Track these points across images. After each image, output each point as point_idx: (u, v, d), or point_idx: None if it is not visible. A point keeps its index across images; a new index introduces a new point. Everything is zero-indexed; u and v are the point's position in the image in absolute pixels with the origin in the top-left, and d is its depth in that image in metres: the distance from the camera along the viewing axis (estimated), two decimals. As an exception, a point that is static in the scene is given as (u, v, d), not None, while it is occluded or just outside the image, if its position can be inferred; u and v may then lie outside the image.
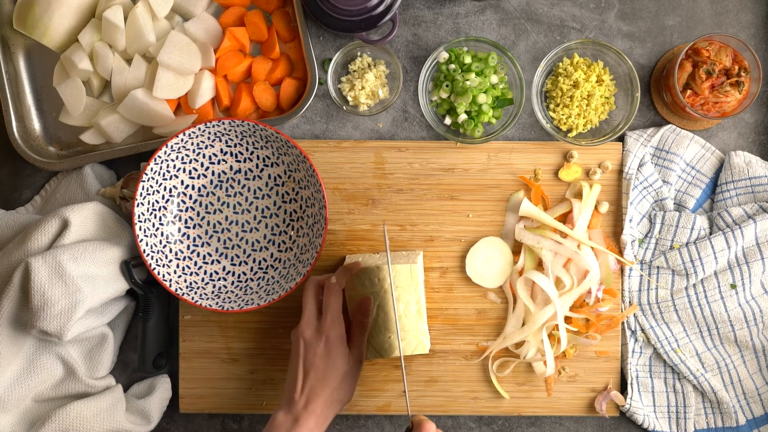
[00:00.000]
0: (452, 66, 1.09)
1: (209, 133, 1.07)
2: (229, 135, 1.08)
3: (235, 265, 1.12)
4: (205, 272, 1.11)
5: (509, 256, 1.13)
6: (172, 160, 1.08)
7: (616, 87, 1.13)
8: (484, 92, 1.09)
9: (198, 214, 1.12)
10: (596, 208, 1.12)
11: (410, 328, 1.06)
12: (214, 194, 1.12)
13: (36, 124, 1.16)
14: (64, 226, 1.06)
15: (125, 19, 1.10)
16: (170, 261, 1.09)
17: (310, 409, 0.98)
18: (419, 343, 1.06)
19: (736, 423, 1.11)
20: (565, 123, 1.12)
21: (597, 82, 1.11)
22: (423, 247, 1.13)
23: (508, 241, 1.13)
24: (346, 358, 1.01)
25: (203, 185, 1.12)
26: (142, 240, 1.06)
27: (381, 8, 1.09)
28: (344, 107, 1.14)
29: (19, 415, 1.07)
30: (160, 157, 1.06)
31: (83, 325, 1.05)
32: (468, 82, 1.08)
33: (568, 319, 1.11)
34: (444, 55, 1.10)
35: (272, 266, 1.12)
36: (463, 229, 1.14)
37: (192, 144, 1.08)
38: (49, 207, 1.15)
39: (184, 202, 1.11)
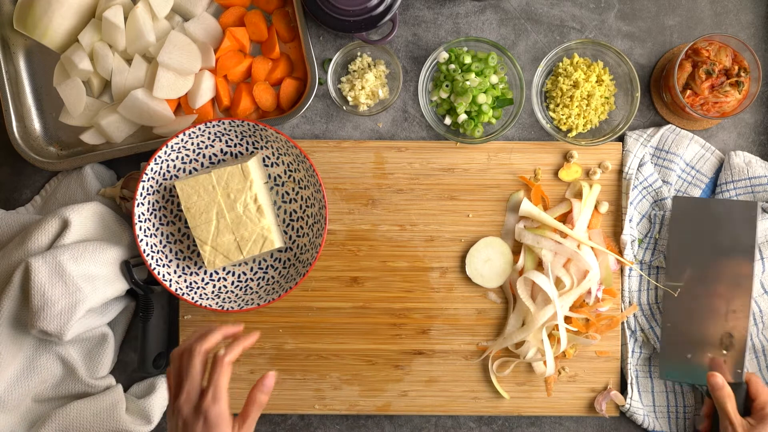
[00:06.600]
0: (452, 66, 1.09)
1: (209, 133, 1.07)
2: (229, 135, 1.08)
3: (235, 265, 1.12)
4: (205, 272, 1.11)
5: (509, 256, 1.13)
6: (172, 160, 1.08)
7: (616, 87, 1.13)
8: (484, 92, 1.09)
9: (198, 214, 1.12)
10: (596, 208, 1.12)
11: (253, 227, 1.04)
12: (214, 194, 1.12)
13: (36, 124, 1.16)
14: (64, 226, 1.06)
15: (125, 19, 1.10)
16: (170, 261, 1.09)
17: None
18: (266, 240, 1.05)
19: (736, 423, 1.11)
20: (565, 123, 1.12)
21: (597, 82, 1.11)
22: (423, 247, 1.13)
23: (508, 241, 1.13)
24: None
25: (203, 185, 1.12)
26: (142, 240, 1.06)
27: (381, 8, 1.09)
28: (344, 107, 1.14)
29: (19, 415, 1.07)
30: (160, 157, 1.06)
31: (83, 325, 1.05)
32: (468, 82, 1.08)
33: (568, 319, 1.11)
34: (444, 55, 1.10)
35: (272, 266, 1.12)
36: (463, 229, 1.14)
37: (192, 144, 1.08)
38: (49, 207, 1.15)
39: (184, 202, 1.11)
